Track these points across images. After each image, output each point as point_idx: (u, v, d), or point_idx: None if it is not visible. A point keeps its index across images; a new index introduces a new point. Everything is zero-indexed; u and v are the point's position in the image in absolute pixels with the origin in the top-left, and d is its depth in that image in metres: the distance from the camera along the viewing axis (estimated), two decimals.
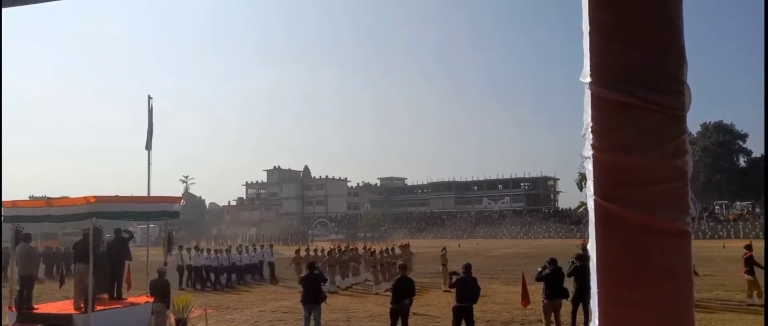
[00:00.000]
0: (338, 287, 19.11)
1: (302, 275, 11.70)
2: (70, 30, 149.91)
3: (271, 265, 23.21)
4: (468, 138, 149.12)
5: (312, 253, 20.96)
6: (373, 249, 21.29)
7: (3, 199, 12.69)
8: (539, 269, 11.25)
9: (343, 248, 21.91)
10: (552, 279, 10.68)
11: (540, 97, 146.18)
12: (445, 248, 21.13)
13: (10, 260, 12.70)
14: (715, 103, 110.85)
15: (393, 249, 21.43)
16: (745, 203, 67.61)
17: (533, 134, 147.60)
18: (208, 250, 22.76)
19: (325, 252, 20.67)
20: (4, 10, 2.72)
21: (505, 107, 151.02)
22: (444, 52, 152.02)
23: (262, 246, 25.46)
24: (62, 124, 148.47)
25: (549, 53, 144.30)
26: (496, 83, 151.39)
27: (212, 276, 21.19)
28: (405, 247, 22.02)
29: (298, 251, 20.98)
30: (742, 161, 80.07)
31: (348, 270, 20.29)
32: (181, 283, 20.80)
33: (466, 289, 10.11)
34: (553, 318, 10.84)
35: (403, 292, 10.34)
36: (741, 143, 79.50)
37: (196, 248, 22.74)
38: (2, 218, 11.06)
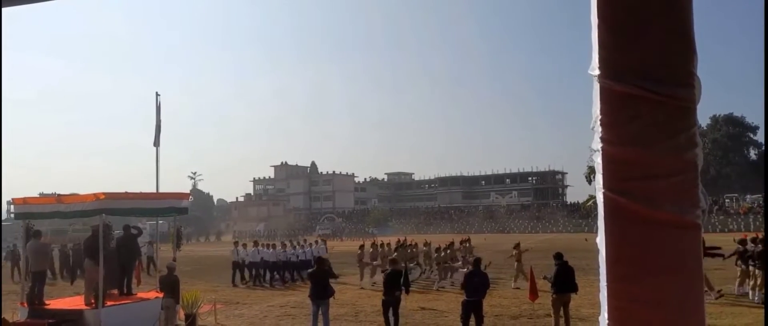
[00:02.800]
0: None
1: (309, 270, 11.74)
2: (79, 30, 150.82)
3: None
4: (475, 132, 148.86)
5: (378, 249, 19.93)
6: (439, 245, 19.98)
7: (14, 197, 12.84)
8: (545, 277, 11.27)
9: (401, 242, 20.75)
10: (560, 273, 10.65)
11: (547, 90, 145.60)
12: (518, 243, 19.53)
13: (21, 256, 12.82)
14: (726, 95, 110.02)
15: (452, 244, 20.38)
16: (755, 196, 66.98)
17: (541, 128, 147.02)
18: (266, 245, 22.15)
19: (393, 248, 19.64)
20: (4, 9, 2.73)
21: (512, 101, 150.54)
22: (450, 47, 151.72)
23: (316, 242, 24.42)
24: (70, 123, 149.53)
25: (556, 46, 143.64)
26: (502, 77, 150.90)
27: (269, 273, 20.57)
28: (464, 242, 20.88)
29: (362, 247, 20.06)
30: (752, 154, 79.41)
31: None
32: (242, 279, 20.44)
33: (475, 283, 10.15)
34: (561, 312, 10.81)
35: (394, 285, 10.89)
36: (752, 135, 78.79)
37: (255, 243, 22.12)
38: (13, 215, 11.18)
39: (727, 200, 68.48)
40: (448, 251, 19.15)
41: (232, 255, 21.03)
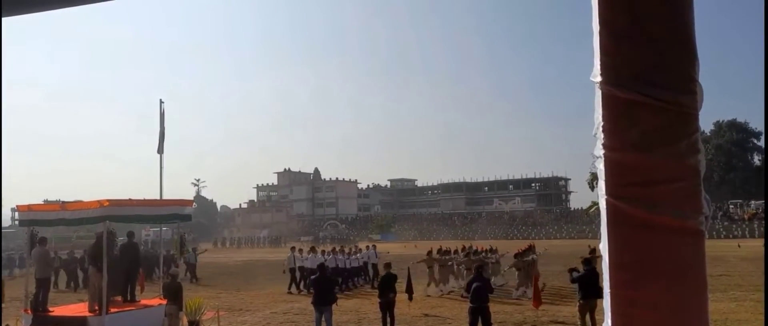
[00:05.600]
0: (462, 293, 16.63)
1: (313, 277, 11.81)
2: (80, 35, 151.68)
3: (375, 267, 21.04)
4: (478, 138, 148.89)
5: (445, 255, 18.86)
6: (518, 250, 18.60)
7: (18, 204, 12.90)
8: (569, 271, 11.54)
9: (473, 248, 19.81)
10: (587, 279, 10.69)
11: (550, 96, 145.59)
12: (595, 248, 17.05)
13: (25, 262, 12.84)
14: (730, 101, 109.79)
15: (529, 248, 19.22)
16: (759, 202, 66.64)
17: (544, 134, 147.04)
18: (323, 251, 21.16)
19: (462, 253, 18.77)
20: (4, 19, 2.76)
21: (515, 107, 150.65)
22: (452, 52, 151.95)
23: (366, 247, 23.16)
24: (74, 129, 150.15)
25: (558, 52, 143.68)
26: (504, 83, 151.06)
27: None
28: (531, 247, 19.93)
29: (430, 252, 18.90)
30: (756, 159, 79.05)
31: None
32: (298, 286, 19.44)
33: (477, 291, 10.21)
34: (588, 318, 10.82)
35: (388, 287, 11.55)
36: (755, 141, 78.42)
37: (312, 249, 21.17)
38: (18, 222, 11.22)
39: (731, 206, 68.17)
40: (526, 257, 17.52)
41: (289, 262, 20.18)
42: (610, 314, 2.03)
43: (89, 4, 2.84)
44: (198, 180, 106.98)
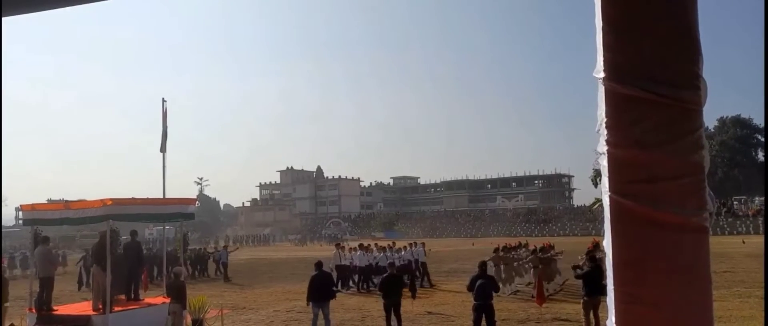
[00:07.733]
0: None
1: (312, 274, 11.83)
2: (82, 34, 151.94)
3: (423, 265, 20.60)
4: (481, 136, 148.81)
5: (509, 252, 18.06)
6: (591, 246, 17.21)
7: (22, 204, 12.94)
8: (573, 268, 11.51)
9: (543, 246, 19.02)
10: (591, 276, 10.67)
11: (553, 93, 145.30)
12: (598, 243, 16.46)
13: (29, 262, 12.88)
14: (734, 97, 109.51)
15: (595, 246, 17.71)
16: (763, 198, 66.49)
17: (546, 131, 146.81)
18: (368, 247, 20.64)
19: (531, 252, 17.76)
20: (4, 19, 2.76)
21: (517, 104, 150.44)
22: (455, 50, 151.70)
23: (411, 244, 22.17)
24: (76, 128, 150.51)
25: (561, 48, 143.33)
26: (507, 80, 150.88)
27: (373, 278, 18.75)
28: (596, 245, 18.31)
29: (497, 250, 18.17)
30: (760, 155, 78.81)
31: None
32: (344, 284, 19.02)
33: (482, 288, 10.19)
34: (591, 316, 10.80)
35: (392, 289, 11.43)
36: (759, 137, 78.22)
37: (361, 246, 20.75)
38: (21, 221, 11.26)
39: (735, 202, 68.01)
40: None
41: (334, 259, 19.59)
42: (613, 311, 2.02)
43: (90, 3, 2.83)
44: (201, 179, 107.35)
